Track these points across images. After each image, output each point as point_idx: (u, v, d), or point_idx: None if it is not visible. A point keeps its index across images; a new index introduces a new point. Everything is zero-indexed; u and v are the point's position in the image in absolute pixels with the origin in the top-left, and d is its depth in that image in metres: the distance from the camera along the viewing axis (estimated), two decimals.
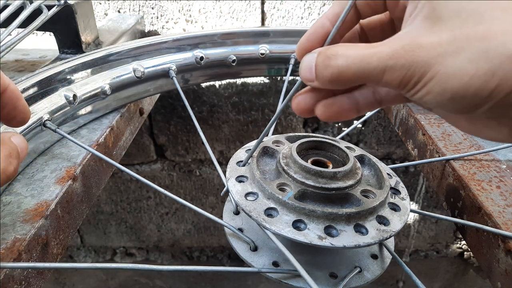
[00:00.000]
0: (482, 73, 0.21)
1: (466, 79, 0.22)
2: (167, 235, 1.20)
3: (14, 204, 0.38)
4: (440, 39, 0.23)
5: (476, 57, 0.21)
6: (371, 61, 0.24)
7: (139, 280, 1.26)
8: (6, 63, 0.70)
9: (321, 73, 0.26)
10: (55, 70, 0.48)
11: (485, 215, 0.39)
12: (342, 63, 0.25)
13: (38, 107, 0.46)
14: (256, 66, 0.65)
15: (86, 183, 0.44)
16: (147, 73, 0.57)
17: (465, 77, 0.22)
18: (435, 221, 1.14)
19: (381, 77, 0.24)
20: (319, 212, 0.32)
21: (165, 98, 0.94)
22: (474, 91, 0.22)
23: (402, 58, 0.23)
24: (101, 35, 0.74)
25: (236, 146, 1.02)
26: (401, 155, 1.05)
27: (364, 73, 0.24)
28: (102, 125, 0.52)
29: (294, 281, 0.33)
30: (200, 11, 0.86)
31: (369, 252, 0.37)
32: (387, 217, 0.33)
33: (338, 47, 0.26)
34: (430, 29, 0.23)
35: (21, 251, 0.32)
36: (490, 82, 0.21)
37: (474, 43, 0.22)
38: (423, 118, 0.56)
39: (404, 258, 1.21)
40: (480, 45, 0.21)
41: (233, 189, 0.35)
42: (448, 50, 0.22)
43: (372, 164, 0.39)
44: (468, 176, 0.44)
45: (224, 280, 1.25)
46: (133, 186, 1.09)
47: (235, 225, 0.38)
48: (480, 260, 0.40)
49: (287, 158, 0.36)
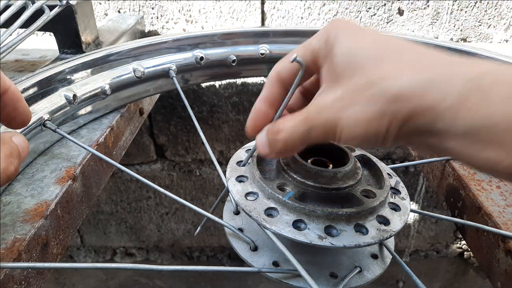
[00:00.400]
0: (373, 117, 0.24)
1: (365, 125, 0.25)
2: (167, 235, 1.20)
3: (14, 204, 0.38)
4: (337, 95, 0.26)
5: (366, 104, 0.25)
6: (299, 127, 0.28)
7: (139, 280, 1.26)
8: (6, 63, 0.70)
9: (273, 148, 0.30)
10: (55, 70, 0.48)
11: (485, 215, 0.39)
12: (284, 136, 0.29)
13: (38, 107, 0.45)
14: (256, 66, 0.65)
15: (86, 183, 0.44)
16: (147, 73, 0.57)
17: (363, 123, 0.25)
18: (435, 221, 1.14)
19: (310, 136, 0.28)
20: (319, 212, 0.32)
21: (165, 98, 0.94)
22: (374, 133, 0.25)
23: (315, 120, 0.27)
24: (101, 35, 0.74)
25: (236, 146, 1.02)
26: (401, 155, 1.05)
27: (301, 137, 0.28)
28: (102, 125, 0.52)
29: (294, 281, 0.33)
30: (200, 11, 0.86)
31: (369, 252, 0.37)
32: (387, 217, 0.33)
33: (279, 123, 0.30)
34: (331, 88, 0.27)
35: (21, 251, 0.32)
36: (382, 122, 0.24)
37: (364, 92, 0.25)
38: None
39: (404, 258, 1.21)
40: (368, 92, 0.25)
41: (233, 189, 0.35)
42: (345, 104, 0.26)
43: (372, 164, 0.39)
44: (468, 176, 0.44)
45: (224, 280, 1.25)
46: (133, 186, 1.09)
47: (235, 225, 0.38)
48: (480, 260, 0.40)
49: (287, 158, 0.36)
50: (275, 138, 0.30)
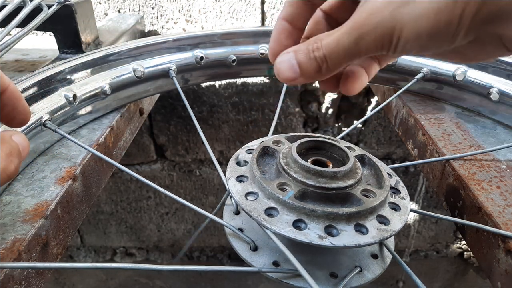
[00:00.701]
0: (444, 4, 0.22)
1: (433, 15, 0.22)
2: (167, 235, 1.20)
3: (14, 204, 0.38)
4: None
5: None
6: (343, 39, 0.25)
7: (139, 280, 1.26)
8: (6, 63, 0.70)
9: (307, 68, 0.27)
10: (55, 70, 0.48)
11: (485, 215, 0.39)
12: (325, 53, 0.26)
13: (38, 107, 0.46)
14: (256, 66, 0.65)
15: (86, 183, 0.44)
16: (147, 73, 0.57)
17: (432, 13, 0.22)
18: (435, 221, 1.14)
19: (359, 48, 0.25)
20: (319, 212, 0.32)
21: (165, 98, 0.94)
22: (445, 23, 0.23)
23: (364, 25, 0.24)
24: (101, 35, 0.74)
25: (236, 146, 1.02)
26: (401, 155, 1.05)
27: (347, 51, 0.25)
28: (102, 125, 0.52)
29: (294, 281, 0.33)
30: (200, 11, 0.86)
31: (369, 251, 0.37)
32: (387, 217, 0.33)
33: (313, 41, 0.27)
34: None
35: (21, 251, 0.32)
36: (455, 9, 0.22)
37: None
38: (423, 118, 0.56)
39: (404, 258, 1.21)
40: None
41: (233, 189, 0.35)
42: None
43: (372, 163, 0.39)
44: (468, 176, 0.44)
45: (224, 280, 1.25)
46: (133, 186, 1.09)
47: (235, 225, 0.38)
48: (480, 260, 0.40)
49: (287, 157, 0.36)
50: (310, 56, 0.26)
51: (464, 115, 0.57)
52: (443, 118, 0.56)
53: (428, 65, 0.60)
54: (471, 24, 0.23)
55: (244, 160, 0.39)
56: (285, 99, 0.94)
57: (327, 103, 0.98)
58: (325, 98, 0.97)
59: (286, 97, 0.94)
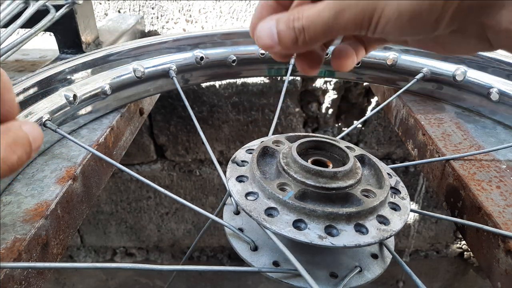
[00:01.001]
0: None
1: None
2: (167, 235, 1.20)
3: (14, 204, 0.38)
4: None
5: None
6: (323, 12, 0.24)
7: (139, 280, 1.26)
8: (6, 63, 0.70)
9: (284, 38, 0.26)
10: (55, 70, 0.48)
11: (485, 215, 0.39)
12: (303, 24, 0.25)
13: (38, 107, 0.46)
14: (256, 66, 0.65)
15: (86, 183, 0.44)
16: (147, 73, 0.57)
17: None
18: (435, 221, 1.14)
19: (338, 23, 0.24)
20: (319, 212, 0.32)
21: (165, 98, 0.94)
22: (428, 5, 0.22)
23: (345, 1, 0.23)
24: (101, 35, 0.74)
25: (236, 146, 1.02)
26: (401, 155, 1.05)
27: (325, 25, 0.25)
28: (102, 125, 0.52)
29: (294, 281, 0.33)
30: (200, 11, 0.86)
31: (369, 251, 0.37)
32: (387, 217, 0.33)
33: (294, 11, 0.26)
34: None
35: (21, 251, 0.33)
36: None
37: None
38: (423, 118, 0.56)
39: (404, 258, 1.21)
40: None
41: (233, 189, 0.35)
42: None
43: (372, 163, 0.39)
44: (468, 176, 0.44)
45: (224, 280, 1.25)
46: (133, 186, 1.09)
47: (235, 225, 0.38)
48: (480, 260, 0.40)
49: (287, 157, 0.36)
50: (289, 26, 0.26)
51: (464, 115, 0.57)
52: (443, 118, 0.56)
53: (428, 65, 0.60)
54: (456, 10, 0.22)
55: (245, 160, 0.39)
56: (285, 99, 0.94)
57: (327, 103, 0.98)
58: (325, 98, 0.97)
59: (286, 97, 0.94)
